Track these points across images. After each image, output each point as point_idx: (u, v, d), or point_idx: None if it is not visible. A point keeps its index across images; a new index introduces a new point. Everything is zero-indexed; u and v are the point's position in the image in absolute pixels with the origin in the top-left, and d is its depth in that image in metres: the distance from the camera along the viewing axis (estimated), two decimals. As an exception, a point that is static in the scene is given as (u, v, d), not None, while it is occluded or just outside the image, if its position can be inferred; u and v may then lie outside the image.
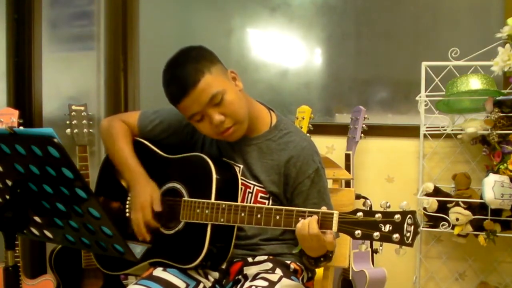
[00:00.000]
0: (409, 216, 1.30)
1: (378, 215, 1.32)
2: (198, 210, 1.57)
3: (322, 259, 1.54)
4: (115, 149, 1.76)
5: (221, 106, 1.55)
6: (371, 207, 1.35)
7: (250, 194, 1.64)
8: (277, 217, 1.46)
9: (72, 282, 2.48)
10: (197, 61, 1.55)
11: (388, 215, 1.31)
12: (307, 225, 1.40)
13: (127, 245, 1.31)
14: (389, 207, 1.33)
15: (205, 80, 1.53)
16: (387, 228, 1.30)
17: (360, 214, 1.34)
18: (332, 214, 1.38)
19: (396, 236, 1.29)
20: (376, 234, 1.31)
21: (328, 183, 1.70)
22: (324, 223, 1.39)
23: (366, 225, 1.33)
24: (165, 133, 1.77)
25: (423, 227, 2.53)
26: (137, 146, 1.78)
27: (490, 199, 2.23)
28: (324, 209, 1.42)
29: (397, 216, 1.30)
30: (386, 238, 1.31)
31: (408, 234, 1.29)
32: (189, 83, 1.53)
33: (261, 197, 1.64)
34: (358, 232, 1.33)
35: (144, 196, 1.64)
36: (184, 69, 1.55)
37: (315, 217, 1.41)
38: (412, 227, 1.30)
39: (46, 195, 1.26)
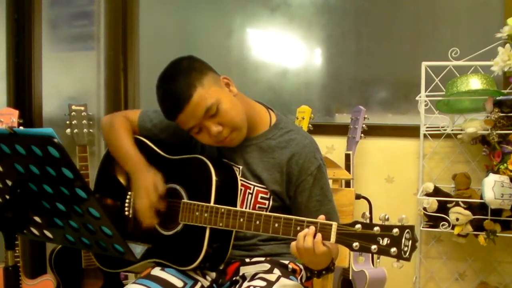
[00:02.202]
0: (407, 230, 1.30)
1: (376, 228, 1.31)
2: (197, 213, 1.57)
3: (324, 272, 1.54)
4: (117, 142, 1.76)
5: (217, 117, 1.55)
6: (371, 219, 1.35)
7: (250, 195, 1.64)
8: (276, 225, 1.46)
9: (72, 282, 2.48)
10: (187, 74, 1.55)
11: (386, 229, 1.31)
12: (303, 237, 1.39)
13: (127, 245, 1.31)
14: (387, 219, 1.33)
15: (198, 94, 1.53)
16: (385, 241, 1.30)
17: (358, 226, 1.33)
18: (331, 225, 1.38)
19: (393, 250, 1.29)
20: (374, 247, 1.31)
21: (328, 180, 1.70)
22: (322, 234, 1.38)
23: (364, 237, 1.32)
24: (164, 133, 1.77)
25: (423, 227, 2.53)
26: (137, 144, 1.78)
27: (490, 199, 2.23)
28: (322, 218, 1.41)
29: (395, 230, 1.30)
30: (383, 251, 1.30)
31: (405, 249, 1.29)
32: (182, 99, 1.53)
33: (262, 198, 1.64)
34: (356, 244, 1.33)
35: (147, 181, 1.64)
36: (175, 85, 1.55)
37: (312, 229, 1.40)
38: (410, 241, 1.30)
39: (46, 195, 1.26)
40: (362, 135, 2.61)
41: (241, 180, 1.64)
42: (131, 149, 1.73)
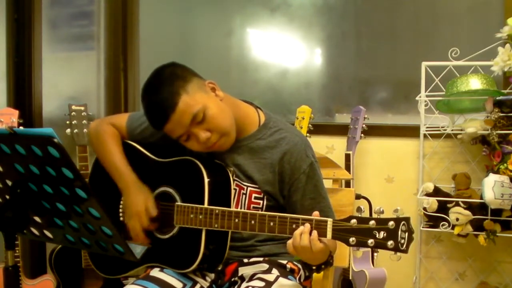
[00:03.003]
0: (403, 222, 1.30)
1: (372, 222, 1.31)
2: (191, 215, 1.56)
3: (323, 266, 1.54)
4: (106, 154, 1.75)
5: (204, 123, 1.54)
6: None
7: (244, 196, 1.64)
8: (271, 224, 1.45)
9: (72, 282, 2.48)
10: (170, 83, 1.54)
11: (382, 222, 1.31)
12: (299, 236, 1.39)
13: (127, 245, 1.31)
14: (382, 212, 1.33)
15: (183, 102, 1.52)
16: (381, 235, 1.30)
17: (354, 221, 1.34)
18: (326, 221, 1.38)
19: (390, 242, 1.29)
20: (371, 241, 1.31)
21: (322, 176, 1.69)
22: (318, 231, 1.38)
23: (361, 232, 1.32)
24: (154, 136, 1.74)
25: (423, 227, 2.53)
26: (127, 149, 1.77)
27: (490, 199, 2.23)
28: (316, 214, 1.41)
29: (391, 223, 1.30)
30: (380, 245, 1.31)
31: (402, 241, 1.30)
32: (167, 108, 1.52)
33: (255, 198, 1.64)
34: (352, 239, 1.33)
35: (139, 203, 1.64)
36: (159, 95, 1.54)
37: (308, 227, 1.40)
38: (406, 233, 1.30)
39: (46, 195, 1.26)
40: (362, 135, 2.61)
41: (234, 180, 1.63)
42: (121, 163, 1.72)
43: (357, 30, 3.01)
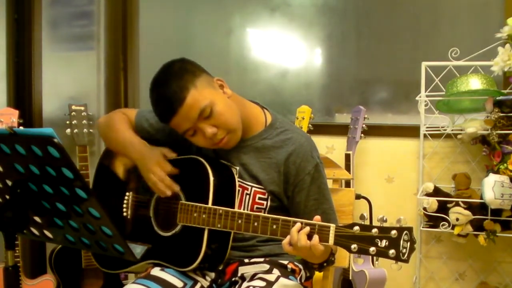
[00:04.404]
0: (405, 232, 1.29)
1: (374, 230, 1.31)
2: (195, 214, 1.57)
3: (325, 264, 1.54)
4: (118, 134, 1.74)
5: (211, 119, 1.55)
6: (371, 219, 1.35)
7: (248, 196, 1.64)
8: (274, 226, 1.45)
9: (72, 282, 2.48)
10: (180, 77, 1.54)
11: (384, 231, 1.30)
12: (296, 233, 1.39)
13: (127, 245, 1.31)
14: (385, 221, 1.33)
15: (191, 96, 1.53)
16: (383, 243, 1.30)
17: (356, 228, 1.33)
18: (329, 227, 1.37)
19: (392, 252, 1.29)
20: (372, 249, 1.31)
21: (327, 178, 1.69)
22: (320, 236, 1.38)
23: (363, 239, 1.32)
24: (160, 133, 1.76)
25: (423, 227, 2.53)
26: None
27: (490, 199, 2.23)
28: (318, 219, 1.40)
29: (393, 232, 1.29)
30: (382, 253, 1.30)
31: (404, 250, 1.29)
32: (176, 101, 1.52)
33: (259, 198, 1.64)
34: (354, 246, 1.33)
35: (155, 154, 1.64)
36: (168, 88, 1.54)
37: (307, 228, 1.39)
38: (409, 243, 1.29)
39: (46, 195, 1.26)
40: (362, 135, 2.61)
41: (238, 181, 1.63)
42: (133, 136, 1.72)
43: (357, 30, 3.01)
